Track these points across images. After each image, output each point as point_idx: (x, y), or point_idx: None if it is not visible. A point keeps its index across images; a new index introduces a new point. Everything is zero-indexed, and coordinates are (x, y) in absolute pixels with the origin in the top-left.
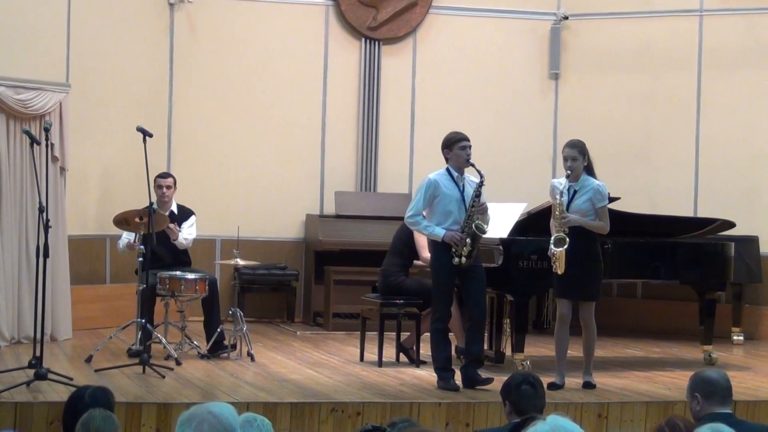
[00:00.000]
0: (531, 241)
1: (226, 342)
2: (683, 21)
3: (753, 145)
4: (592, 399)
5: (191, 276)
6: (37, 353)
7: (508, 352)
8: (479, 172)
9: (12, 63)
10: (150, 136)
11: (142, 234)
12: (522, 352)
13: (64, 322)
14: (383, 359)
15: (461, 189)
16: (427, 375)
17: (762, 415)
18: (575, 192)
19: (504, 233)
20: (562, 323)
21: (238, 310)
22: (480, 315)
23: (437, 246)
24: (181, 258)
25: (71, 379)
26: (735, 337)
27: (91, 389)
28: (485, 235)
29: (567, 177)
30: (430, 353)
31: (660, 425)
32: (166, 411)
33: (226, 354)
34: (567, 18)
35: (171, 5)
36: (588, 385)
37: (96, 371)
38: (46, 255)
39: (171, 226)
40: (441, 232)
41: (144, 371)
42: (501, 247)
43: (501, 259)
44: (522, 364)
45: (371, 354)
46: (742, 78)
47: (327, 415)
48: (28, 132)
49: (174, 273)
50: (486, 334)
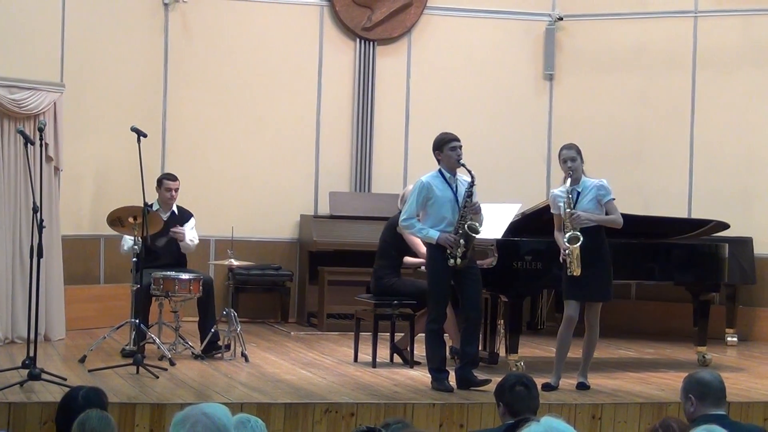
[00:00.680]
0: (525, 242)
1: (220, 342)
2: (678, 22)
3: (747, 146)
4: (585, 400)
5: (185, 276)
6: (31, 353)
7: (502, 353)
8: (470, 172)
9: (6, 63)
10: (144, 136)
11: (141, 235)
12: (516, 353)
13: (57, 322)
14: (377, 360)
15: (454, 190)
16: (421, 376)
17: (755, 417)
18: (578, 194)
19: (498, 234)
20: (568, 325)
21: (232, 310)
22: (476, 316)
23: (432, 248)
24: (180, 259)
25: (65, 380)
26: (729, 339)
27: (85, 390)
28: (479, 236)
29: (570, 177)
30: (424, 354)
31: (654, 426)
32: (159, 411)
33: (220, 354)
34: (562, 19)
35: (165, 5)
36: (582, 386)
37: (90, 371)
38: (40, 255)
39: (176, 229)
40: (435, 234)
41: (138, 372)
42: (495, 248)
43: (495, 260)
44: (516, 365)
45: (365, 355)
46: (736, 79)
47: (321, 416)
48: (22, 132)
49: (168, 273)
50: (480, 335)
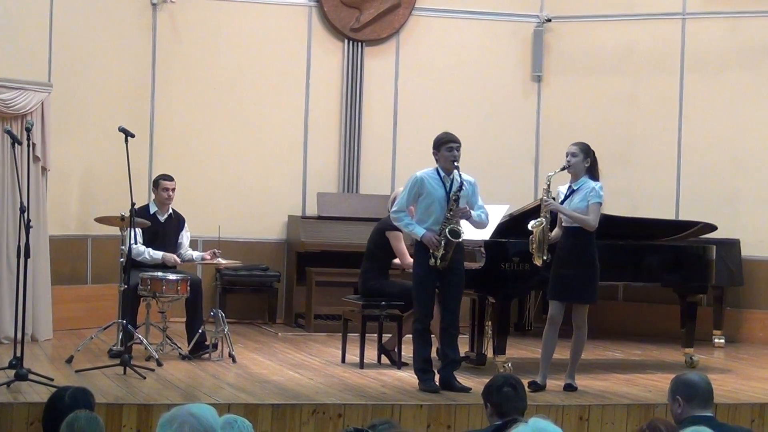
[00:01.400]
0: (513, 243)
1: (207, 342)
2: (666, 24)
3: (735, 148)
4: (573, 401)
5: (172, 277)
6: (18, 354)
7: (489, 354)
8: (460, 177)
9: None
10: (132, 136)
11: (133, 230)
12: (504, 354)
13: (44, 322)
14: (365, 361)
15: (447, 189)
16: (409, 377)
17: (743, 418)
18: (573, 191)
19: (486, 235)
20: (551, 325)
21: (219, 311)
22: (451, 320)
23: (418, 245)
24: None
25: (52, 380)
26: (716, 340)
27: (71, 390)
28: (467, 237)
29: (562, 169)
30: (411, 355)
31: (641, 428)
32: (146, 412)
33: (207, 355)
34: (550, 20)
35: (154, 5)
36: (569, 388)
37: (77, 372)
38: (27, 255)
39: (172, 259)
40: (421, 231)
41: (125, 372)
42: (483, 249)
43: (483, 261)
44: (504, 366)
45: (353, 356)
46: (724, 81)
47: (308, 417)
48: (9, 132)
49: (155, 273)
50: (468, 336)
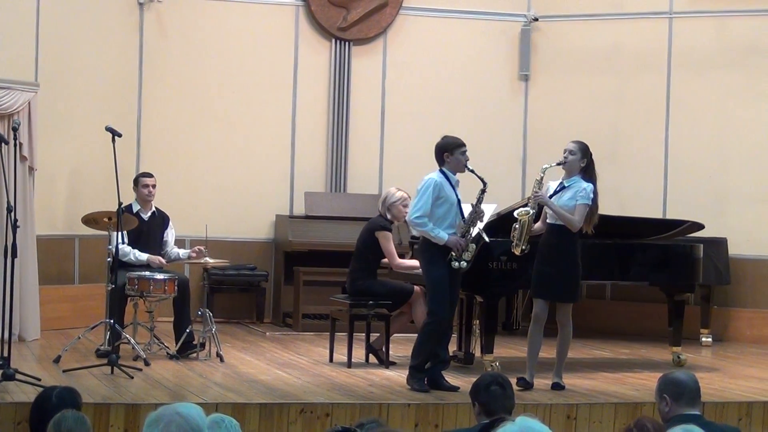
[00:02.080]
0: (500, 242)
1: (195, 342)
2: (653, 23)
3: (722, 147)
4: (560, 400)
5: (160, 276)
6: (5, 354)
7: (477, 353)
8: (481, 179)
9: None
10: (119, 135)
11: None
12: (491, 353)
13: (32, 322)
14: (352, 360)
15: (457, 193)
16: (397, 376)
17: (730, 417)
18: (564, 188)
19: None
20: (536, 323)
21: (207, 310)
22: (450, 319)
23: (433, 249)
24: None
25: (39, 380)
26: (703, 339)
27: (58, 390)
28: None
29: (558, 164)
30: (399, 354)
31: (628, 426)
32: (134, 412)
33: (195, 354)
34: (537, 20)
35: (141, 5)
36: (557, 387)
37: (64, 372)
38: (14, 255)
39: (157, 261)
40: (445, 236)
41: (112, 372)
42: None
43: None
44: (491, 365)
45: (340, 355)
46: (711, 80)
47: (296, 416)
48: None
49: (143, 273)
50: (455, 335)
